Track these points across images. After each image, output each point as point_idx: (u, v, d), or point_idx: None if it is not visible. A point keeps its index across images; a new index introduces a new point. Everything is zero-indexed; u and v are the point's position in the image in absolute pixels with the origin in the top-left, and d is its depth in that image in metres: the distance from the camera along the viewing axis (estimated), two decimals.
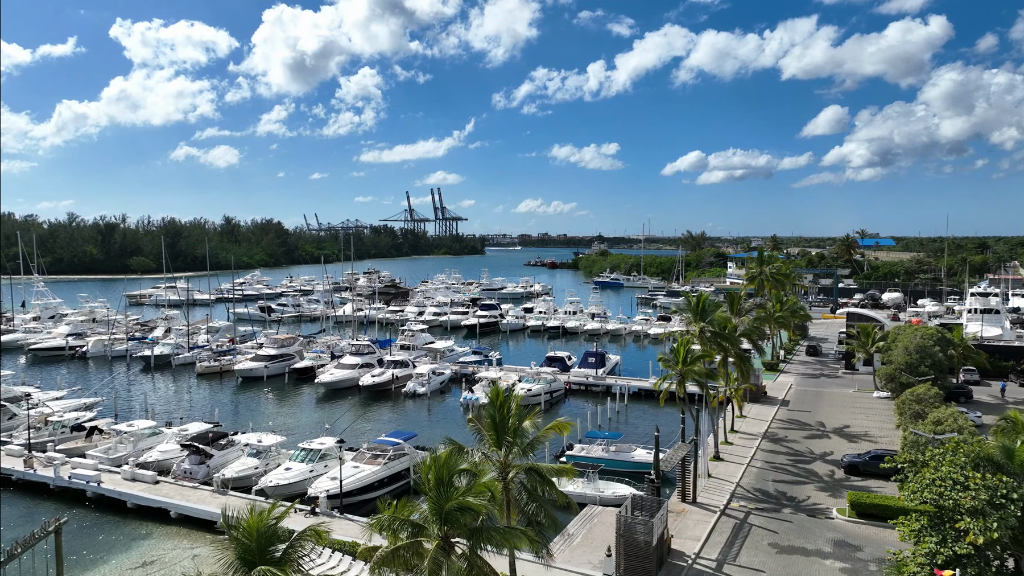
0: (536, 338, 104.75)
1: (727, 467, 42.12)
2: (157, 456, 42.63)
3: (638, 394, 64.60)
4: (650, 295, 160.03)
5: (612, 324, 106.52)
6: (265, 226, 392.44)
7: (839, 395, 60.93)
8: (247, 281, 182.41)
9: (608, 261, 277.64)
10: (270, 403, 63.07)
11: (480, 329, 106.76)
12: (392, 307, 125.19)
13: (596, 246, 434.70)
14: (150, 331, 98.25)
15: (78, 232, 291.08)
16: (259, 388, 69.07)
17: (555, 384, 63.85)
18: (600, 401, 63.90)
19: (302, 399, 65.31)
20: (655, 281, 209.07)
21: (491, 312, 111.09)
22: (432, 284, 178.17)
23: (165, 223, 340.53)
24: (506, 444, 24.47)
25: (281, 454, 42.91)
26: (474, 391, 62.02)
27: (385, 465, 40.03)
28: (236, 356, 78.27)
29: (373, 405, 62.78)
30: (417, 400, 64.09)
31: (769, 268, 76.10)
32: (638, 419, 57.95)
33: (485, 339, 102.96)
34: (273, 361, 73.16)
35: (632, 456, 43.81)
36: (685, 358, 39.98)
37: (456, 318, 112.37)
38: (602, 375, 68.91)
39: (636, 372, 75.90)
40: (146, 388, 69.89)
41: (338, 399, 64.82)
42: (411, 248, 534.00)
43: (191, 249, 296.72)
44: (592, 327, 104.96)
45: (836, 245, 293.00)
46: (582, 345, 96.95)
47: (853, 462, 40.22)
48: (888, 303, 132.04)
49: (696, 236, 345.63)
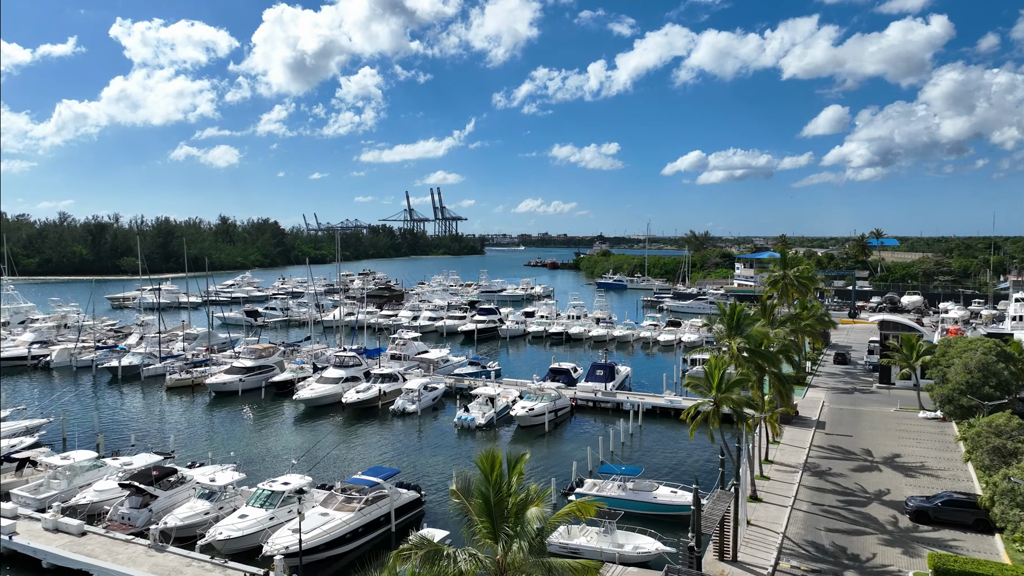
0: (537, 345, 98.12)
1: (767, 511, 35.49)
2: (93, 497, 35.99)
3: (652, 411, 57.98)
4: (656, 298, 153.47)
5: (619, 330, 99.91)
6: (261, 226, 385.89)
7: (879, 415, 54.29)
8: (237, 283, 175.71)
9: (610, 262, 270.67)
10: (241, 423, 56.40)
11: (478, 335, 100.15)
12: (385, 311, 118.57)
13: (597, 246, 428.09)
14: (124, 338, 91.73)
15: (68, 232, 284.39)
16: (232, 404, 62.37)
17: (560, 401, 57.20)
18: (610, 420, 57.36)
19: (278, 418, 58.63)
20: (659, 283, 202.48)
21: (490, 317, 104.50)
22: (429, 286, 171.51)
23: (160, 223, 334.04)
24: (504, 537, 17.52)
25: (240, 494, 36.27)
26: (469, 410, 55.39)
27: (360, 512, 33.39)
28: (212, 367, 71.71)
29: (357, 425, 56.13)
30: (406, 419, 57.44)
31: (794, 271, 69.50)
32: (655, 443, 51.29)
33: (483, 346, 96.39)
34: (249, 374, 66.53)
35: (654, 496, 37.19)
36: (720, 383, 33.31)
37: (452, 323, 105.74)
38: (612, 390, 62.28)
39: (649, 385, 69.33)
40: (109, 404, 63.20)
41: (319, 417, 58.17)
42: (410, 248, 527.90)
43: (184, 249, 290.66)
44: (597, 333, 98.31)
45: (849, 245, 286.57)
46: (587, 353, 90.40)
47: (922, 508, 33.56)
48: (908, 307, 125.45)
49: (699, 236, 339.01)
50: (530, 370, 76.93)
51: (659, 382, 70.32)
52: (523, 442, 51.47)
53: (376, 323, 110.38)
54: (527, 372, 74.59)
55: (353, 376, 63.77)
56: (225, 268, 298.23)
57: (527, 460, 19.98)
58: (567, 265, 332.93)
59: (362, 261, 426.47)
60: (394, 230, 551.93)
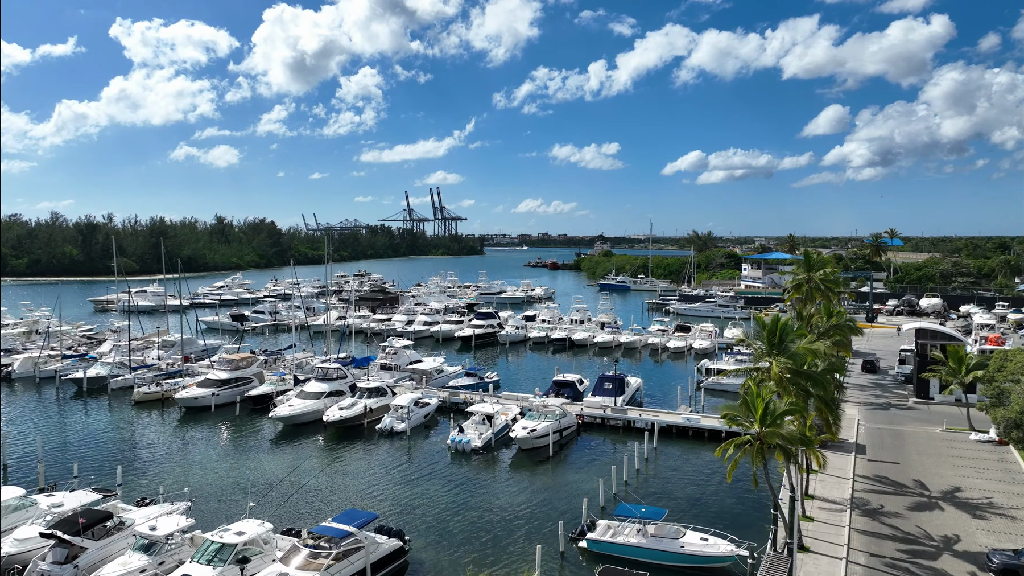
0: (539, 352, 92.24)
1: (818, 563, 29.64)
2: (11, 547, 30.17)
3: (667, 430, 52.12)
4: (661, 300, 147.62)
5: (625, 336, 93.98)
6: (257, 226, 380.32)
7: (924, 437, 48.43)
8: (227, 285, 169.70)
9: (612, 262, 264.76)
10: (209, 446, 50.57)
11: (476, 342, 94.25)
12: (378, 315, 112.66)
13: (599, 246, 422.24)
14: (98, 345, 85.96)
15: (59, 232, 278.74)
16: (204, 422, 56.55)
17: (565, 420, 51.31)
18: (621, 440, 51.64)
19: (252, 438, 52.73)
20: (664, 284, 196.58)
21: (488, 321, 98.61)
22: (425, 288, 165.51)
23: (154, 223, 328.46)
24: None
25: (187, 544, 30.42)
26: (464, 431, 49.50)
27: (327, 571, 27.52)
28: (186, 379, 65.88)
29: (338, 447, 50.26)
30: (394, 440, 51.56)
31: (819, 274, 63.68)
32: (674, 469, 45.42)
33: (481, 353, 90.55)
34: (224, 387, 60.64)
35: (681, 545, 31.32)
36: (765, 415, 27.43)
37: (449, 328, 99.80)
38: (622, 406, 56.42)
39: (661, 399, 63.51)
40: (67, 422, 57.33)
41: (297, 438, 52.31)
42: (409, 248, 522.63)
43: (177, 250, 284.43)
44: (603, 339, 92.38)
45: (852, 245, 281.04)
46: (591, 361, 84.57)
47: (1011, 566, 27.66)
48: (927, 310, 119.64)
49: (702, 236, 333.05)
50: (532, 381, 71.25)
51: (672, 395, 64.64)
52: (524, 468, 45.66)
53: (368, 328, 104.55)
54: (528, 384, 68.86)
55: (337, 390, 57.88)
56: (219, 269, 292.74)
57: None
58: (568, 266, 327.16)
59: (360, 261, 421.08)
60: (393, 230, 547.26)
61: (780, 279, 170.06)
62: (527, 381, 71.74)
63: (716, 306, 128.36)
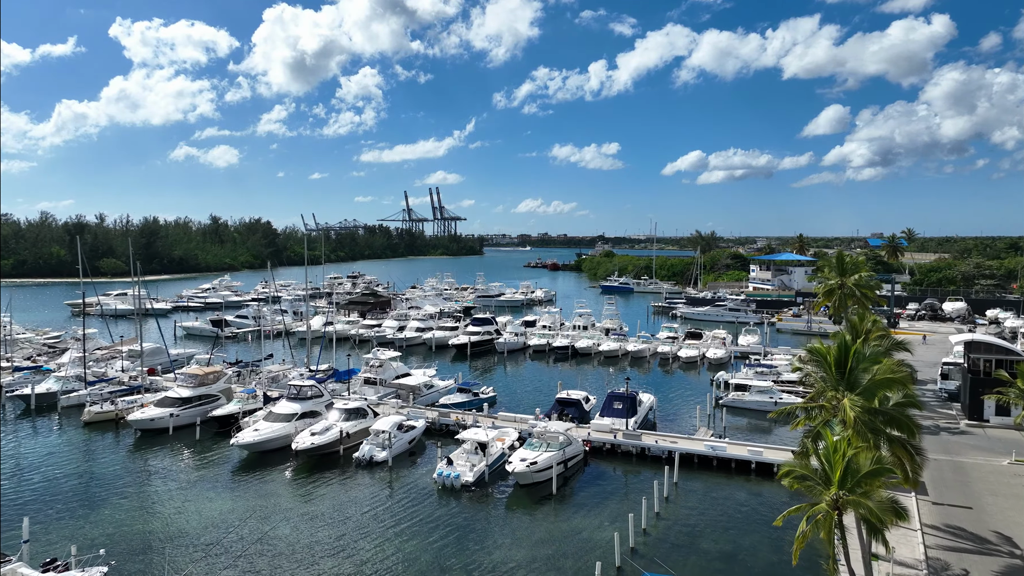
0: (540, 361, 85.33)
1: None
2: None
3: (687, 459, 45.24)
4: (667, 303, 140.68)
5: (632, 344, 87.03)
6: (252, 225, 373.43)
7: (991, 471, 41.58)
8: (214, 286, 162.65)
9: (614, 263, 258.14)
10: (157, 480, 43.71)
11: (472, 349, 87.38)
12: (368, 320, 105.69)
13: (600, 246, 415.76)
14: (60, 355, 79.08)
15: (47, 232, 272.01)
16: (158, 448, 49.69)
17: (570, 448, 44.47)
18: (634, 469, 45.00)
19: (210, 470, 45.83)
20: (668, 286, 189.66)
21: (485, 328, 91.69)
22: (421, 290, 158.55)
23: (149, 222, 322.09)
24: None
25: None
26: (453, 462, 42.60)
27: None
28: (146, 395, 59.05)
29: (308, 481, 43.41)
30: (374, 471, 44.72)
31: (853, 279, 56.99)
32: (700, 513, 38.45)
33: (478, 362, 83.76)
34: (185, 406, 53.77)
35: None
36: (845, 477, 20.54)
37: (442, 335, 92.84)
38: (635, 429, 49.59)
39: (675, 418, 56.70)
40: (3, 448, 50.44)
41: (261, 469, 45.44)
42: (407, 248, 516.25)
43: (168, 250, 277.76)
44: (608, 348, 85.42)
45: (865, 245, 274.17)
46: (596, 371, 77.85)
47: None
48: (951, 315, 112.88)
49: (706, 236, 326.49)
50: (532, 395, 64.55)
51: (688, 413, 58.03)
52: (522, 509, 38.79)
53: (356, 335, 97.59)
54: (528, 400, 62.15)
55: (311, 411, 51.01)
56: (212, 270, 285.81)
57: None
58: (568, 266, 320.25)
59: (357, 262, 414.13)
60: (391, 230, 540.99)
61: (791, 281, 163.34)
62: (527, 396, 64.92)
63: (727, 310, 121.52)
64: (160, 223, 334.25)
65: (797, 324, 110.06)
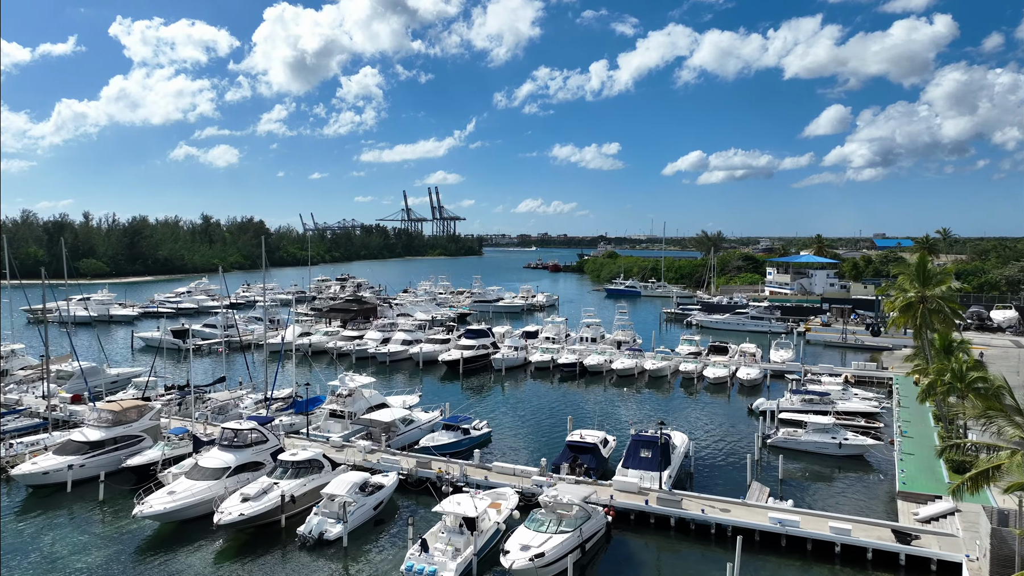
0: (543, 380, 73.75)
1: None
2: None
3: (747, 534, 33.58)
4: (681, 310, 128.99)
5: (650, 361, 75.43)
6: (244, 225, 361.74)
7: None
8: (191, 289, 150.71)
9: (618, 264, 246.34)
10: (31, 564, 32.12)
11: (465, 366, 75.86)
12: (349, 331, 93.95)
13: (602, 247, 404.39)
14: None
15: (26, 231, 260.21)
16: (50, 511, 38.11)
17: (590, 523, 32.90)
18: (671, 545, 33.57)
19: (106, 548, 34.16)
20: (678, 289, 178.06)
21: (480, 341, 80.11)
22: (412, 295, 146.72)
23: (136, 221, 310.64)
24: None
25: None
26: (429, 547, 30.91)
27: None
28: (55, 435, 47.48)
29: (233, 567, 31.84)
30: (323, 554, 33.13)
31: (937, 290, 45.64)
32: None
33: (471, 381, 72.32)
34: (93, 453, 42.13)
35: None
36: None
37: (431, 350, 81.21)
38: (670, 485, 38.04)
39: (721, 471, 44.99)
40: None
41: (179, 546, 33.86)
42: (404, 249, 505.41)
43: (153, 250, 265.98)
44: (623, 366, 73.75)
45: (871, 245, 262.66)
46: (608, 393, 66.45)
47: None
48: (1003, 324, 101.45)
49: (712, 236, 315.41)
50: (535, 430, 53.10)
51: (732, 460, 46.38)
52: None
53: (335, 348, 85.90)
54: (531, 438, 50.71)
55: (251, 463, 39.41)
56: (199, 271, 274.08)
57: None
58: (570, 268, 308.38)
59: (353, 263, 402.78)
60: (388, 230, 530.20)
61: (811, 285, 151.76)
62: (529, 432, 53.35)
63: (749, 318, 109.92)
64: (149, 222, 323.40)
65: (829, 335, 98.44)
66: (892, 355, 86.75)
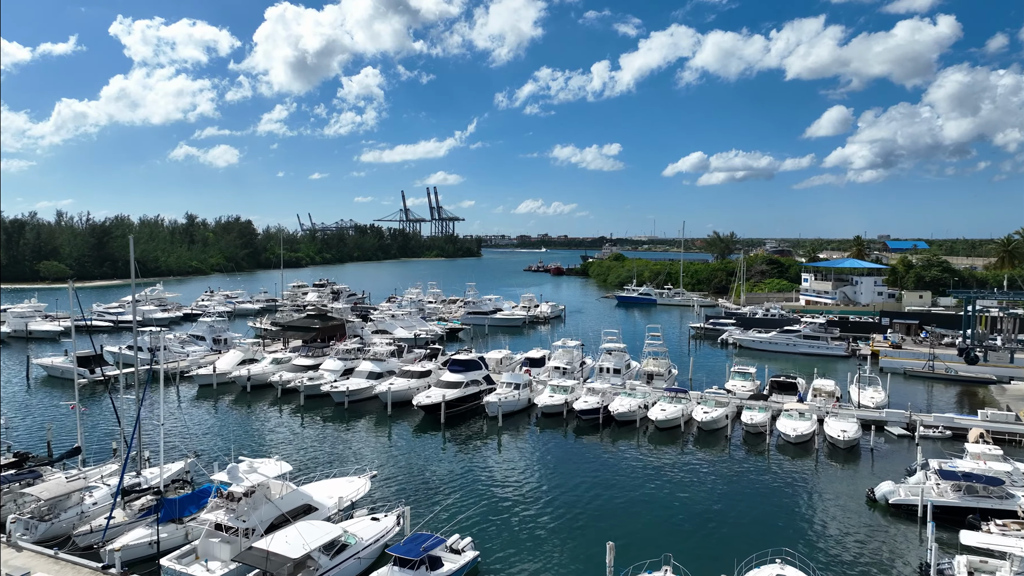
0: (552, 430, 53.97)
1: None
2: None
3: None
4: (712, 324, 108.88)
5: (700, 407, 55.62)
6: (228, 225, 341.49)
7: None
8: (142, 297, 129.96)
9: (626, 268, 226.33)
10: None
11: (448, 411, 56.07)
12: (303, 358, 73.32)
13: (607, 248, 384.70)
14: None
15: None
16: None
17: None
18: None
19: None
20: (698, 297, 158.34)
21: (468, 376, 60.29)
22: (397, 303, 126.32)
23: (113, 221, 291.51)
24: None
25: None
26: None
27: None
28: None
29: None
30: None
31: None
32: None
33: (456, 432, 52.54)
34: None
35: None
36: None
37: (405, 387, 61.24)
38: None
39: None
40: None
41: None
42: (400, 250, 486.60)
43: (124, 252, 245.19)
44: (665, 416, 53.78)
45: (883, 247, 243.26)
46: (645, 456, 46.70)
47: None
48: None
49: (724, 237, 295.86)
50: (549, 546, 32.97)
51: None
52: None
53: (280, 381, 65.73)
54: (545, 560, 30.85)
55: None
56: (175, 274, 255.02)
57: None
58: (574, 271, 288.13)
59: (346, 264, 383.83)
60: (383, 230, 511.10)
61: (856, 294, 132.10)
62: (543, 556, 33.41)
63: (801, 337, 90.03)
64: (129, 221, 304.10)
65: (911, 363, 78.52)
66: (1005, 392, 67.07)
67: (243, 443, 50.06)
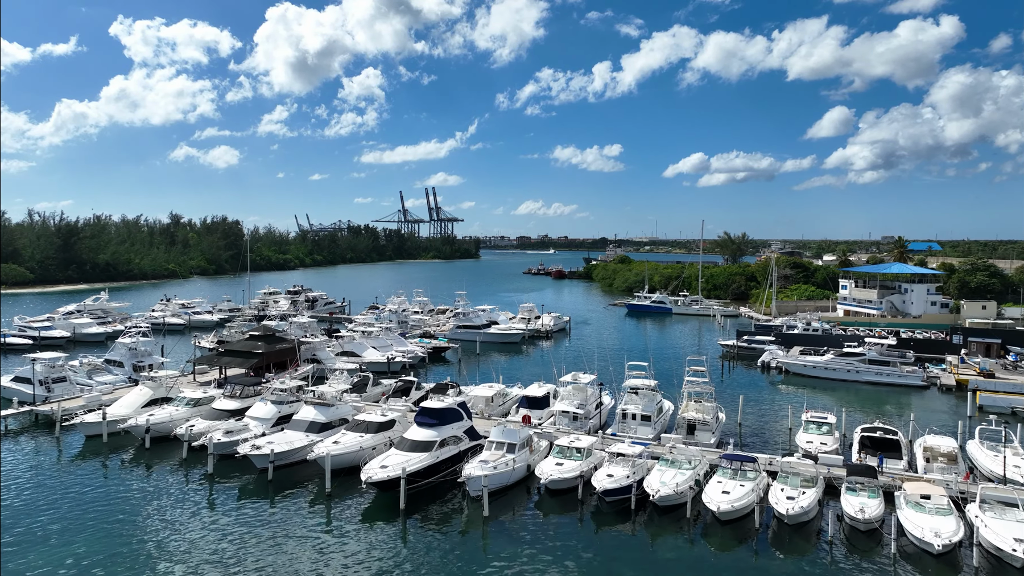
0: (561, 514, 36.62)
1: None
2: None
3: None
4: (746, 341, 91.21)
5: (777, 488, 38.36)
6: (212, 225, 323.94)
7: None
8: (81, 307, 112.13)
9: (634, 271, 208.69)
10: None
11: (411, 486, 38.62)
12: (226, 400, 55.38)
13: (611, 250, 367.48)
14: None
15: None
16: None
17: None
18: None
19: None
20: (719, 306, 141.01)
21: (442, 432, 42.94)
22: (372, 317, 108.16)
23: (95, 220, 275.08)
24: None
25: None
26: None
27: None
28: None
29: None
30: None
31: None
32: None
33: (424, 516, 34.95)
34: None
35: None
36: None
37: (354, 448, 43.67)
38: None
39: None
40: None
41: None
42: (396, 251, 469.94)
43: (92, 254, 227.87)
44: (731, 502, 36.19)
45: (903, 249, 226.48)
46: (694, 553, 28.95)
47: None
48: None
49: (736, 238, 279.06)
50: None
51: None
52: None
53: (189, 435, 48.05)
54: None
55: None
56: (149, 277, 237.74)
57: None
58: (576, 274, 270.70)
59: (338, 266, 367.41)
60: (379, 231, 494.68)
61: (905, 304, 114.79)
62: None
63: (866, 362, 72.52)
64: (110, 222, 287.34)
65: (1017, 399, 61.16)
66: None
67: (92, 550, 32.72)
